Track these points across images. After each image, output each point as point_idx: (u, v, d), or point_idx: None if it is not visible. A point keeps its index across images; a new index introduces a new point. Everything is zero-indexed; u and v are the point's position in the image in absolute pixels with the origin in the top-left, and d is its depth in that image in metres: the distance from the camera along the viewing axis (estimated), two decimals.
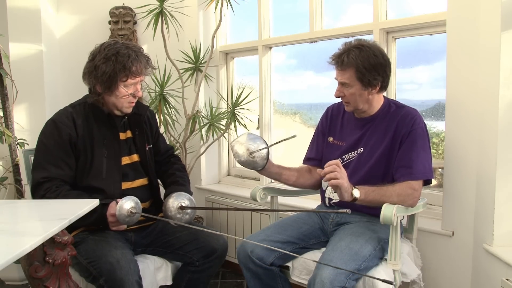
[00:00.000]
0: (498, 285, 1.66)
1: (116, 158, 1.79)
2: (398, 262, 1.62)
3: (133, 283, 1.56)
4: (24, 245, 0.98)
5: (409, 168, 1.67)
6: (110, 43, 1.73)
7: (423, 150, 1.70)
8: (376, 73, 1.71)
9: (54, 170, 1.68)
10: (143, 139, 1.89)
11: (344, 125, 1.91)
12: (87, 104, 1.78)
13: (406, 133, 1.71)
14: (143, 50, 1.77)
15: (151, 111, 2.01)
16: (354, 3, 2.63)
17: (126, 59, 1.67)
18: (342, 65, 1.72)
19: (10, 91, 2.50)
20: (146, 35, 2.95)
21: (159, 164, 2.00)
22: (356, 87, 1.73)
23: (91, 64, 1.70)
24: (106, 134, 1.78)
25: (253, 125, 2.96)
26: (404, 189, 1.66)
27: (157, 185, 1.94)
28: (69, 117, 1.73)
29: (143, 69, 1.73)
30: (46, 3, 2.98)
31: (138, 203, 1.66)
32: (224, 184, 3.15)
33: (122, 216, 1.61)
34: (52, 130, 1.71)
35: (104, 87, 1.70)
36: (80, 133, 1.73)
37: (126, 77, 1.69)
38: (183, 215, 1.75)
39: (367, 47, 1.72)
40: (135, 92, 1.75)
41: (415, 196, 1.68)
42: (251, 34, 2.98)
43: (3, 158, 2.79)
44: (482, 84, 1.79)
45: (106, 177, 1.75)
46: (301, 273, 1.77)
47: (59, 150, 1.70)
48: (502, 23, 1.64)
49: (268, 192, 2.01)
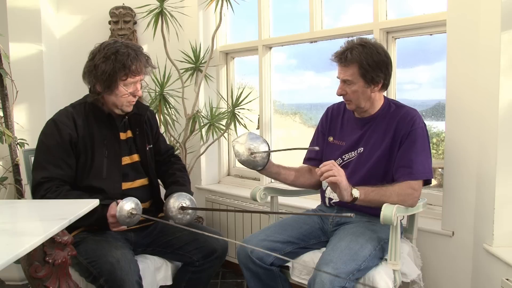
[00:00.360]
0: (498, 285, 1.66)
1: (117, 158, 1.79)
2: (398, 262, 1.62)
3: (133, 283, 1.56)
4: (24, 245, 0.98)
5: (409, 168, 1.68)
6: (109, 42, 1.73)
7: (422, 150, 1.70)
8: (379, 70, 1.71)
9: (54, 170, 1.68)
10: (143, 139, 1.89)
11: (344, 125, 1.91)
12: (87, 104, 1.78)
13: (406, 133, 1.71)
14: (143, 49, 1.77)
15: (151, 111, 2.01)
16: (354, 3, 2.63)
17: (126, 58, 1.67)
18: (345, 61, 1.72)
19: (10, 91, 2.50)
20: (146, 35, 2.95)
21: (159, 164, 2.00)
22: (359, 84, 1.73)
23: (91, 63, 1.70)
24: (106, 134, 1.78)
25: (253, 125, 2.96)
26: (404, 189, 1.66)
27: (158, 185, 1.94)
28: (69, 117, 1.73)
29: (142, 68, 1.73)
30: (46, 3, 2.98)
31: (139, 204, 1.66)
32: (224, 184, 3.15)
33: (122, 217, 1.61)
34: (53, 130, 1.71)
35: (104, 86, 1.69)
36: (81, 133, 1.73)
37: (125, 76, 1.69)
38: (184, 216, 1.75)
39: (370, 45, 1.72)
40: (135, 91, 1.74)
41: (415, 196, 1.68)
42: (251, 34, 2.98)
43: (3, 158, 2.79)
44: (482, 84, 1.79)
45: (106, 177, 1.75)
46: (301, 273, 1.77)
47: (59, 150, 1.69)
48: (502, 23, 1.64)
49: (268, 192, 2.01)
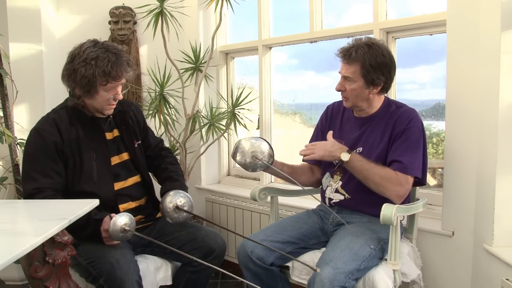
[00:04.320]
0: (498, 285, 1.65)
1: (106, 159, 1.77)
2: (398, 262, 1.62)
3: (133, 283, 1.56)
4: (24, 245, 0.98)
5: (400, 162, 1.68)
6: (89, 45, 1.68)
7: (416, 148, 1.70)
8: (380, 73, 1.71)
9: (43, 180, 1.65)
10: (130, 136, 1.86)
11: (344, 124, 1.92)
12: (69, 108, 1.75)
13: (400, 130, 1.72)
14: (123, 51, 1.74)
15: (136, 106, 1.97)
16: (354, 3, 2.63)
17: (106, 63, 1.64)
18: (349, 58, 1.72)
19: (10, 91, 2.50)
20: (146, 35, 2.95)
21: (150, 158, 1.98)
22: (359, 83, 1.73)
23: (70, 67, 1.68)
24: (92, 136, 1.75)
25: (253, 125, 2.96)
26: (391, 176, 1.65)
27: (151, 181, 1.93)
28: (52, 124, 1.70)
29: (123, 72, 1.70)
30: (46, 3, 2.98)
31: (132, 220, 1.61)
32: (224, 184, 3.15)
33: (115, 232, 1.57)
34: (36, 139, 1.68)
35: (84, 91, 1.67)
36: (66, 139, 1.70)
37: (106, 82, 1.67)
38: (180, 214, 1.74)
39: (376, 46, 1.72)
40: (115, 95, 1.73)
41: (401, 190, 1.66)
42: (251, 34, 2.98)
43: (3, 158, 2.79)
44: (482, 84, 1.79)
45: (97, 180, 1.73)
46: (301, 273, 1.77)
47: (46, 159, 1.66)
48: (502, 23, 1.64)
49: (268, 192, 2.01)
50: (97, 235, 1.63)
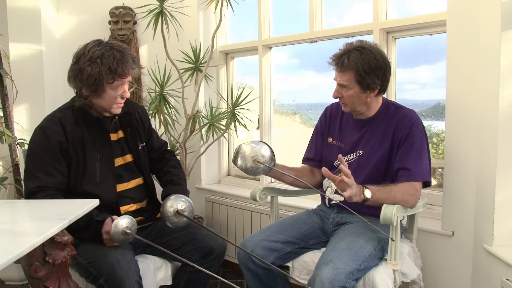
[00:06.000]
0: (498, 285, 1.66)
1: (109, 160, 1.76)
2: (398, 262, 1.62)
3: (133, 283, 1.55)
4: (24, 245, 0.97)
5: (408, 170, 1.68)
6: (93, 44, 1.69)
7: (422, 153, 1.70)
8: (375, 77, 1.70)
9: (46, 179, 1.64)
10: (135, 138, 1.86)
11: (343, 126, 1.91)
12: (75, 107, 1.74)
13: (404, 135, 1.71)
14: (128, 49, 1.75)
15: (141, 107, 1.97)
16: (354, 3, 2.63)
17: (112, 61, 1.64)
18: (342, 66, 1.71)
19: (10, 91, 2.50)
20: (146, 35, 2.95)
21: (153, 161, 1.98)
22: (355, 89, 1.72)
23: (76, 67, 1.68)
24: (97, 137, 1.75)
25: (253, 125, 2.96)
26: (407, 189, 1.66)
27: (153, 183, 1.93)
28: (57, 123, 1.69)
29: (129, 69, 1.71)
30: (46, 3, 2.98)
31: (134, 223, 1.60)
32: (224, 184, 3.15)
33: (116, 234, 1.56)
34: (41, 138, 1.67)
35: (91, 90, 1.67)
36: (70, 138, 1.69)
37: (112, 80, 1.67)
38: (181, 218, 1.74)
39: (368, 50, 1.70)
40: (122, 93, 1.72)
41: (417, 197, 1.68)
42: (251, 34, 2.98)
43: (3, 158, 2.79)
44: (482, 84, 1.79)
45: (100, 181, 1.72)
46: (301, 273, 1.77)
47: (50, 157, 1.66)
48: (502, 23, 1.64)
49: (268, 192, 2.01)
50: (98, 236, 1.63)
